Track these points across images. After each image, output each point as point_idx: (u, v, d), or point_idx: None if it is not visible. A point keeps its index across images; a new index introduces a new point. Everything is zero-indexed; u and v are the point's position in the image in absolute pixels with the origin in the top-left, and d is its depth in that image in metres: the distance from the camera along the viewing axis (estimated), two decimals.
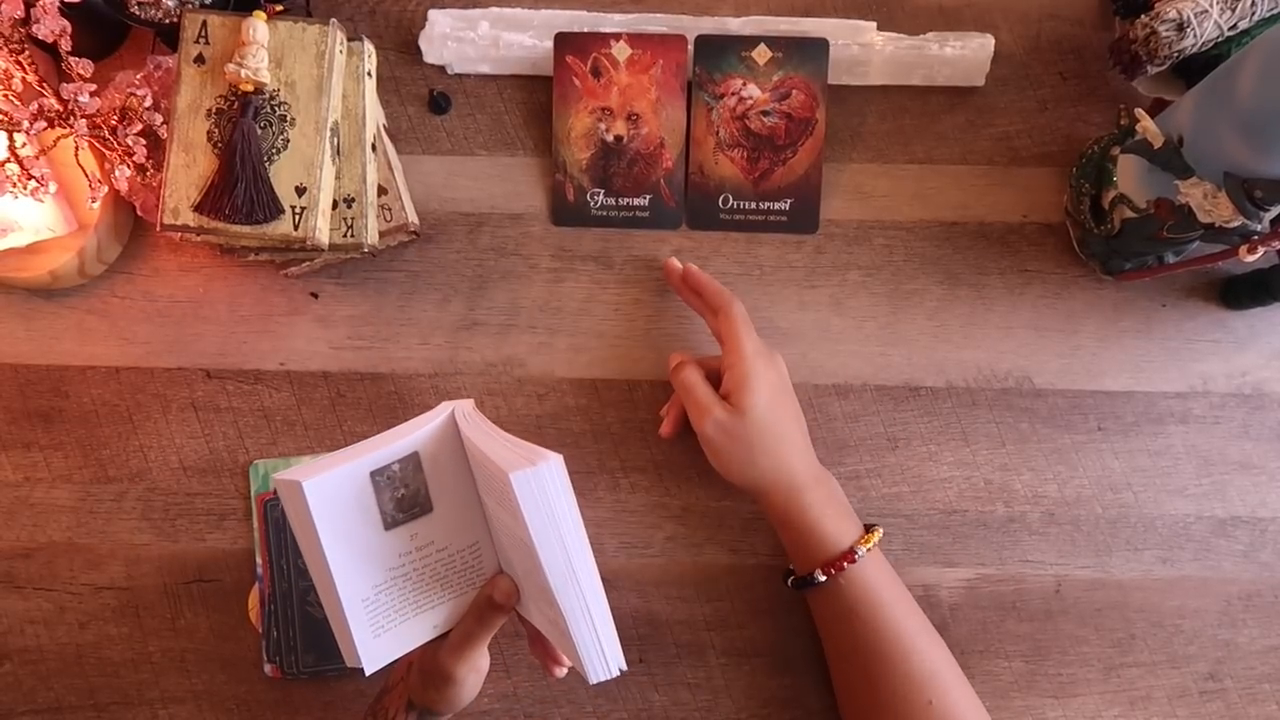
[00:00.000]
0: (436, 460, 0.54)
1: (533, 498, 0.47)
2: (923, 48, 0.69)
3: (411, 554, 0.54)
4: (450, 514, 0.55)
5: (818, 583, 0.62)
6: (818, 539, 0.62)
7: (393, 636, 0.54)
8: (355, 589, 0.52)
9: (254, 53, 0.59)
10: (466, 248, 0.71)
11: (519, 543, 0.51)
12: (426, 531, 0.55)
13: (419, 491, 0.54)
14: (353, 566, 0.52)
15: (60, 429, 0.70)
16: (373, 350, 0.70)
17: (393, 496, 0.53)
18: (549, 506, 0.48)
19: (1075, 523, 0.69)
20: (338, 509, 0.51)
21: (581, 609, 0.50)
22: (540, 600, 0.53)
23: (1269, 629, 0.68)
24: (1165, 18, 0.60)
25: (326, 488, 0.51)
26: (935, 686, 0.59)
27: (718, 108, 0.69)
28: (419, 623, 0.55)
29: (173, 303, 0.70)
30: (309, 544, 0.52)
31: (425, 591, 0.55)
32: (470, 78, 0.72)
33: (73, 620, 0.69)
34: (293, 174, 0.61)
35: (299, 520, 0.52)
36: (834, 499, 0.63)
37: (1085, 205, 0.67)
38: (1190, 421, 0.69)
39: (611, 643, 0.51)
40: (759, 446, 0.61)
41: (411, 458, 0.54)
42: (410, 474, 0.54)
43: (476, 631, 0.54)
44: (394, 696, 0.59)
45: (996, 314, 0.70)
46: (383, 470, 0.53)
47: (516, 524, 0.49)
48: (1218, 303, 0.70)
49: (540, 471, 0.47)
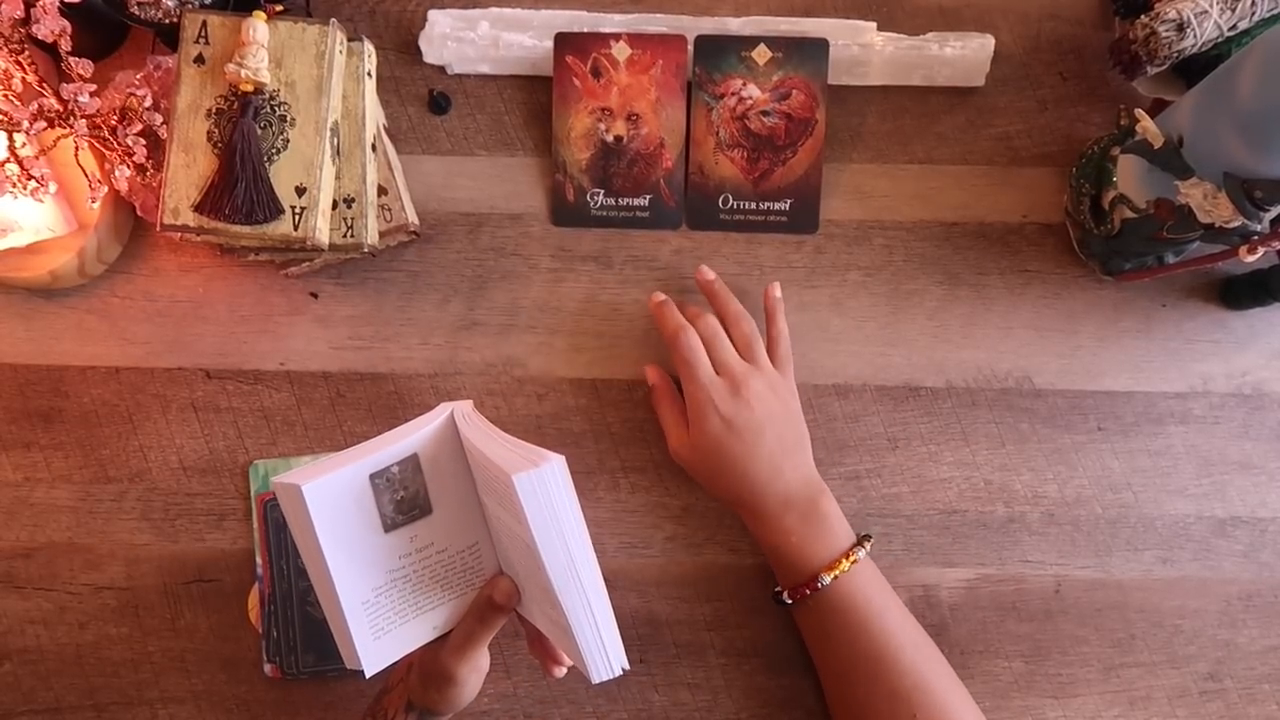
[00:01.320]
0: (436, 462, 0.54)
1: (535, 499, 0.47)
2: (923, 48, 0.69)
3: (411, 556, 0.54)
4: (450, 515, 0.55)
5: (784, 604, 0.64)
6: (785, 561, 0.63)
7: (393, 638, 0.54)
8: (355, 591, 0.52)
9: (254, 53, 0.59)
10: (466, 248, 0.71)
11: (521, 543, 0.51)
12: (426, 533, 0.55)
13: (418, 493, 0.54)
14: (352, 569, 0.52)
15: (60, 429, 0.70)
16: (373, 350, 0.70)
17: (392, 499, 0.53)
18: (551, 507, 0.48)
19: (1075, 523, 0.69)
20: (337, 512, 0.51)
21: (584, 609, 0.50)
22: (542, 600, 0.53)
23: (1269, 629, 0.68)
24: (1165, 18, 0.60)
25: (326, 491, 0.51)
26: (920, 701, 0.59)
27: (718, 108, 0.69)
28: (419, 624, 0.55)
29: (173, 303, 0.70)
30: (308, 547, 0.52)
31: (425, 593, 0.55)
32: (470, 78, 0.72)
33: (73, 620, 0.69)
34: (293, 174, 0.61)
35: (298, 523, 0.51)
36: (812, 518, 0.62)
37: (1085, 205, 0.67)
38: (1190, 421, 0.69)
39: (614, 642, 0.51)
40: (717, 471, 0.63)
41: (411, 459, 0.53)
42: (410, 476, 0.54)
43: (478, 632, 0.55)
44: (393, 697, 0.59)
45: (996, 314, 0.70)
46: (382, 473, 0.53)
47: (519, 525, 0.49)
48: (1218, 303, 0.70)
49: (543, 472, 0.47)
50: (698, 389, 0.63)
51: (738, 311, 0.66)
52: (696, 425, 0.63)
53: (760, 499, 0.63)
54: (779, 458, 0.63)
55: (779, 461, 0.62)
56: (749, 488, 0.63)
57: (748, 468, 0.62)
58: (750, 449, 0.62)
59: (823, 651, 0.63)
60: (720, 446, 0.62)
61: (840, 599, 0.61)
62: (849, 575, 0.61)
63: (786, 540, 0.62)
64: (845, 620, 0.61)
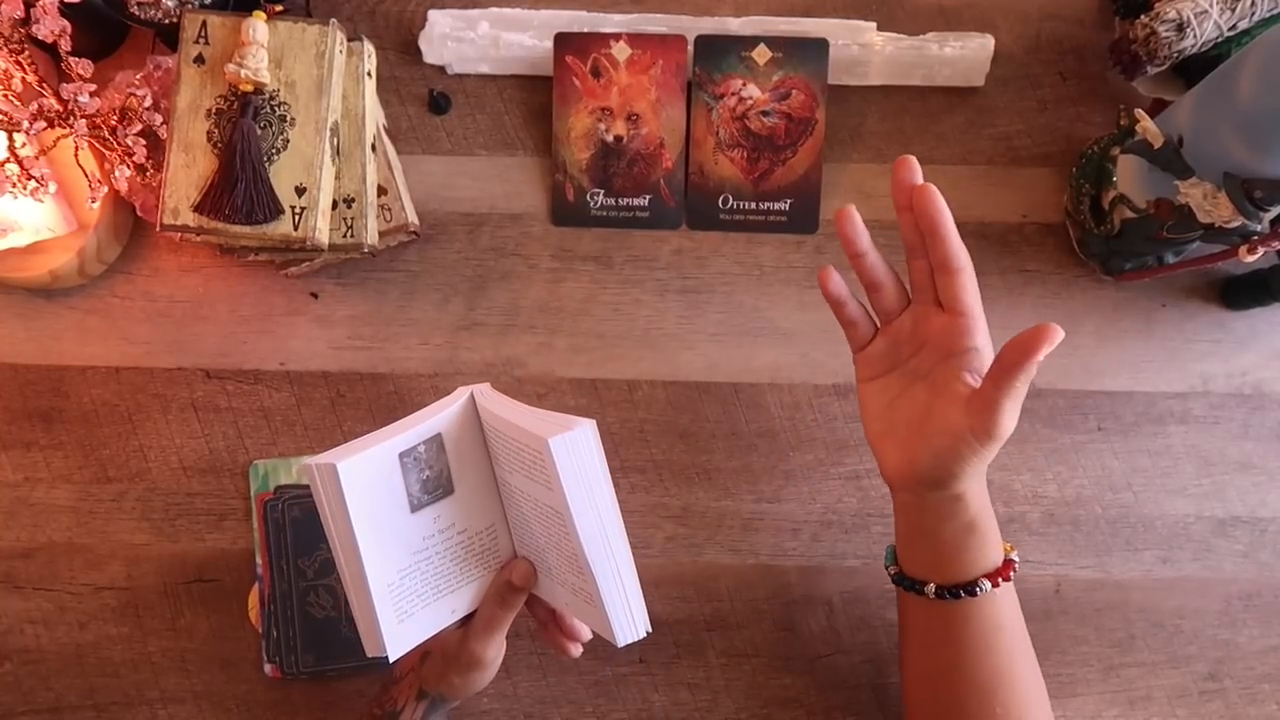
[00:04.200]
0: (458, 442, 0.56)
1: (570, 462, 0.49)
2: (923, 48, 0.69)
3: (434, 536, 0.55)
4: (469, 496, 0.56)
5: (977, 593, 0.55)
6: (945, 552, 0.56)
7: (415, 622, 0.55)
8: (382, 574, 0.53)
9: (254, 53, 0.59)
10: (466, 248, 0.71)
11: (547, 513, 0.52)
12: (448, 514, 0.56)
13: (442, 473, 0.55)
14: (381, 551, 0.53)
15: (60, 429, 0.70)
16: (373, 350, 0.70)
17: (419, 478, 0.54)
18: (584, 470, 0.50)
19: (1075, 523, 0.69)
20: (369, 492, 0.52)
21: (614, 571, 0.52)
22: (566, 571, 0.54)
23: (1269, 629, 0.68)
24: (1165, 18, 0.60)
25: (360, 470, 0.52)
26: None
27: (718, 108, 0.69)
28: (439, 607, 0.56)
29: (173, 303, 0.70)
30: (340, 529, 0.52)
31: (445, 576, 0.56)
32: (470, 78, 0.72)
33: (73, 620, 0.69)
34: (293, 174, 0.61)
35: (332, 504, 0.52)
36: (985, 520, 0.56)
37: (1085, 205, 0.67)
38: (1190, 421, 0.69)
39: (639, 605, 0.53)
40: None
41: (435, 439, 0.55)
42: (434, 455, 0.55)
43: (499, 615, 0.56)
44: (402, 688, 0.59)
45: (996, 314, 0.70)
46: (410, 451, 0.54)
47: (550, 491, 0.50)
48: (1218, 303, 0.70)
49: (576, 435, 0.49)
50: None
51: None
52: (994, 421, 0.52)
53: (966, 484, 0.55)
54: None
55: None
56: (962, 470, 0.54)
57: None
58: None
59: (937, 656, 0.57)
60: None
61: (990, 611, 0.56)
62: (1005, 590, 0.56)
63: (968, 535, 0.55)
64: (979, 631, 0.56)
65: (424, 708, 0.58)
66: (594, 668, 0.69)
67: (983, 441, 0.52)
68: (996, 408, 0.52)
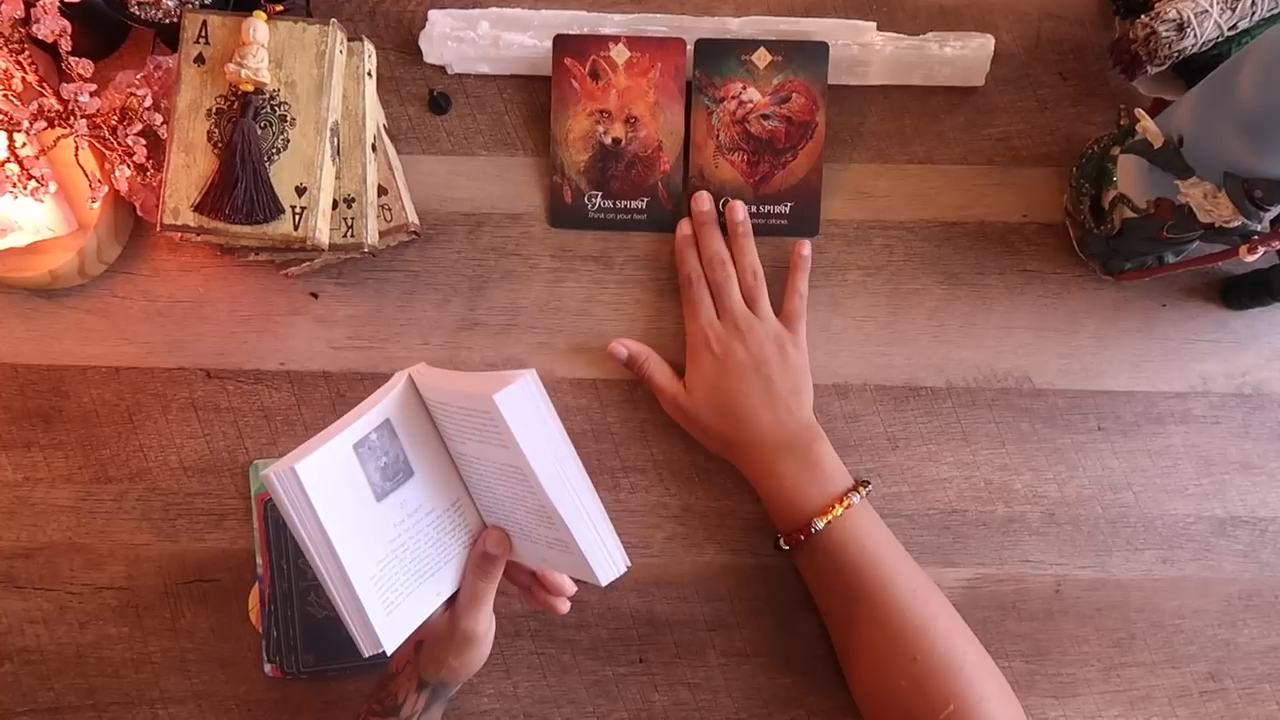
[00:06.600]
0: (407, 424, 0.57)
1: (518, 414, 0.50)
2: (923, 48, 0.69)
3: (404, 522, 0.56)
4: (429, 475, 0.58)
5: (782, 550, 0.65)
6: (781, 506, 0.64)
7: (403, 611, 0.56)
8: (363, 569, 0.54)
9: (254, 53, 0.59)
10: (466, 248, 0.71)
11: (507, 472, 0.53)
12: (414, 497, 0.57)
13: (399, 457, 0.56)
14: (356, 547, 0.54)
15: (60, 429, 0.70)
16: (373, 350, 0.70)
17: (377, 466, 0.55)
18: (534, 418, 0.51)
19: (1075, 523, 0.69)
20: (332, 489, 0.53)
21: (581, 512, 0.53)
22: (537, 526, 0.55)
23: (1269, 629, 0.68)
24: (1165, 18, 0.60)
25: (318, 468, 0.52)
26: (919, 643, 0.59)
27: (718, 111, 0.69)
28: (423, 592, 0.57)
29: (173, 303, 0.70)
30: (312, 531, 0.53)
31: (422, 559, 0.57)
32: (470, 78, 0.72)
33: (73, 620, 0.69)
34: (293, 174, 0.61)
35: (298, 509, 0.52)
36: (806, 463, 0.63)
37: (1085, 205, 0.67)
38: (1190, 421, 0.69)
39: (614, 542, 0.54)
40: (710, 412, 0.64)
41: (385, 425, 0.56)
42: (387, 441, 0.56)
43: (483, 586, 0.57)
44: (401, 681, 0.59)
45: (996, 314, 0.70)
46: (363, 441, 0.55)
47: (505, 449, 0.51)
48: (1218, 303, 0.70)
49: (518, 388, 0.50)
50: (696, 328, 0.66)
51: (751, 264, 0.68)
52: (691, 364, 0.66)
53: (752, 441, 0.64)
54: (771, 399, 0.64)
55: (772, 403, 0.64)
56: (739, 428, 0.64)
57: (737, 405, 0.64)
58: (740, 386, 0.64)
59: (823, 597, 0.64)
60: (712, 385, 0.64)
61: (836, 543, 0.61)
62: (843, 519, 0.62)
63: (780, 485, 0.63)
64: (842, 565, 0.61)
65: (425, 697, 0.59)
66: (594, 668, 0.69)
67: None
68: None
